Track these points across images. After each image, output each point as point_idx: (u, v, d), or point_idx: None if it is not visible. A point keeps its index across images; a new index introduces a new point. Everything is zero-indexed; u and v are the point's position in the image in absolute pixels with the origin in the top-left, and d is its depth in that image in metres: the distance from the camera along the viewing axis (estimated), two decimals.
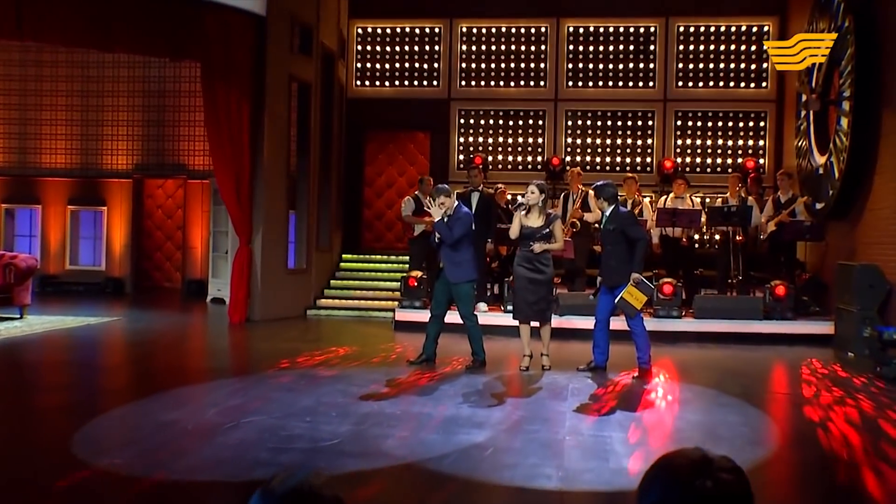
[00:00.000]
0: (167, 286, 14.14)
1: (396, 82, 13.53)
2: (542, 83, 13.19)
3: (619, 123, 13.08)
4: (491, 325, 9.14)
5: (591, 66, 13.12)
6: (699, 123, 12.89)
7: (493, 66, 13.30)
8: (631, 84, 13.03)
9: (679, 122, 12.92)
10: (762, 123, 12.81)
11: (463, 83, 13.36)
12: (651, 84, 13.00)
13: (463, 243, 7.22)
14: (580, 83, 13.13)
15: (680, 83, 12.94)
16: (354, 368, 7.28)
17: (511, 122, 13.26)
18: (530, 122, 13.23)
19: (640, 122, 13.05)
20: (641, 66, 13.04)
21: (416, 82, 13.43)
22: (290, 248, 11.60)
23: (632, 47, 13.00)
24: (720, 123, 12.88)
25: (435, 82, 13.40)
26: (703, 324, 9.44)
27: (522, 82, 13.21)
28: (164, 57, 11.46)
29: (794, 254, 10.57)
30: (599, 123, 13.11)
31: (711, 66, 12.94)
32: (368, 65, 13.65)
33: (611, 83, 13.06)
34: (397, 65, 13.54)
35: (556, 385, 6.70)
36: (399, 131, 13.87)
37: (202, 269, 13.40)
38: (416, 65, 13.44)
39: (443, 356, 7.66)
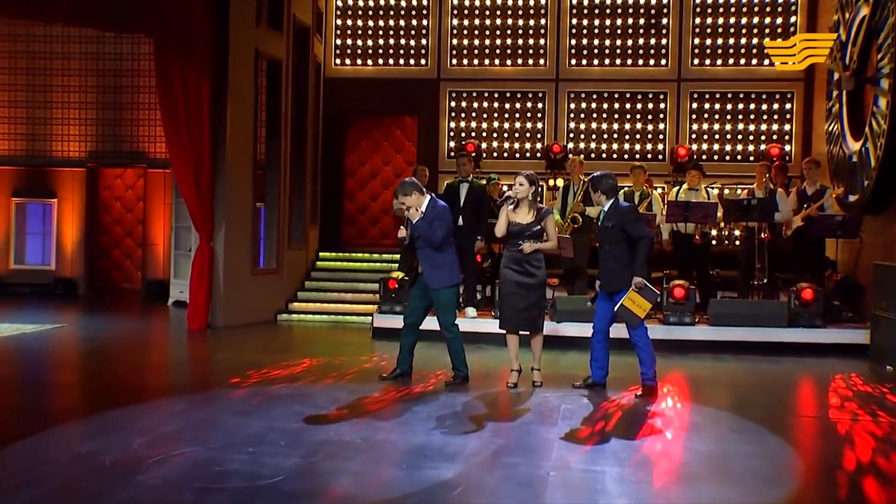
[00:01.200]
0: (127, 287, 13.96)
1: (380, 60, 13.39)
2: (541, 61, 13.05)
3: (628, 106, 12.89)
4: (481, 334, 8.94)
5: (595, 41, 12.97)
6: (717, 106, 12.70)
7: (486, 42, 13.14)
8: (641, 62, 12.86)
9: (695, 105, 12.74)
10: (788, 105, 12.60)
11: (454, 61, 13.22)
12: (663, 62, 12.82)
13: (444, 243, 6.95)
14: (584, 61, 12.97)
15: (696, 61, 12.76)
16: (318, 385, 7.00)
17: (507, 105, 13.12)
18: (528, 104, 13.09)
19: (650, 105, 12.86)
20: (653, 41, 12.83)
21: (401, 60, 13.30)
22: (260, 246, 11.39)
23: (642, 21, 12.82)
24: (741, 106, 12.67)
25: (423, 61, 13.26)
26: (718, 332, 9.22)
27: (520, 60, 13.08)
28: (111, 31, 11.16)
29: (823, 252, 10.31)
30: (605, 106, 12.92)
31: (731, 41, 12.69)
32: (349, 41, 13.44)
33: (618, 61, 12.90)
34: (381, 41, 13.37)
35: (547, 406, 6.39)
36: (384, 115, 13.74)
37: (164, 269, 13.17)
38: (402, 41, 13.31)
39: (422, 370, 7.41)
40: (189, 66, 9.65)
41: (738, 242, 10.85)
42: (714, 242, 11.28)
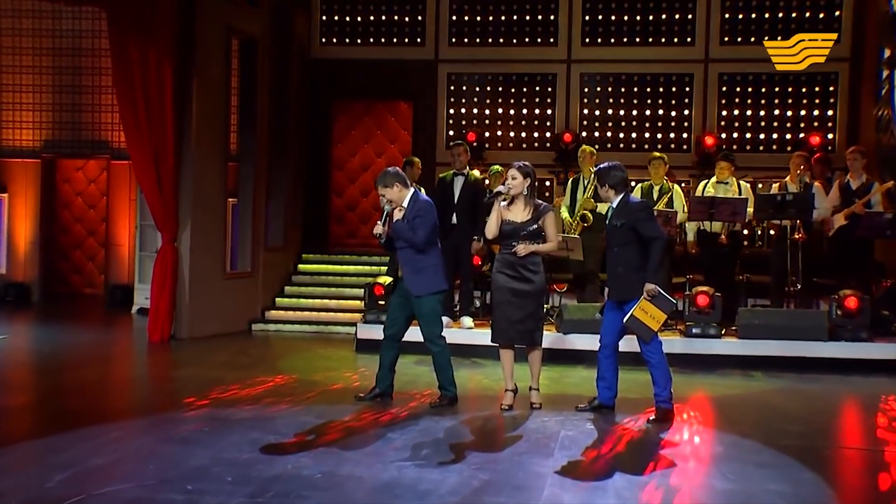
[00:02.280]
0: (89, 293, 13.84)
1: (371, 40, 13.33)
2: (551, 40, 12.92)
3: (649, 90, 12.77)
4: (477, 347, 8.79)
5: (612, 18, 12.85)
6: (749, 90, 12.60)
7: (490, 19, 13.06)
8: (664, 41, 12.74)
9: (724, 89, 12.65)
10: (832, 88, 12.46)
11: (454, 41, 13.12)
12: (689, 40, 12.67)
13: (427, 244, 6.78)
14: (599, 40, 12.84)
15: (726, 38, 12.64)
16: (284, 407, 6.79)
17: (513, 90, 13.01)
18: (537, 89, 12.97)
19: (674, 89, 12.71)
20: (677, 17, 12.72)
21: (395, 40, 13.23)
22: (233, 247, 11.32)
23: None
24: (776, 89, 12.54)
25: (419, 40, 13.17)
26: (748, 346, 9.08)
27: (527, 39, 12.97)
28: (58, 2, 10.89)
29: (871, 255, 10.11)
30: (623, 90, 12.81)
31: (767, 15, 12.52)
32: (336, 17, 13.36)
33: (638, 40, 12.78)
34: (372, 18, 13.30)
35: (544, 432, 6.15)
36: (376, 101, 13.65)
37: (130, 272, 13.02)
38: (397, 18, 13.27)
39: (406, 389, 7.27)
40: (149, 42, 9.46)
41: (769, 244, 10.80)
42: (745, 244, 11.10)
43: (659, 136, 12.64)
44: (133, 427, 6.15)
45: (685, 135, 12.60)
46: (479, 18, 12.96)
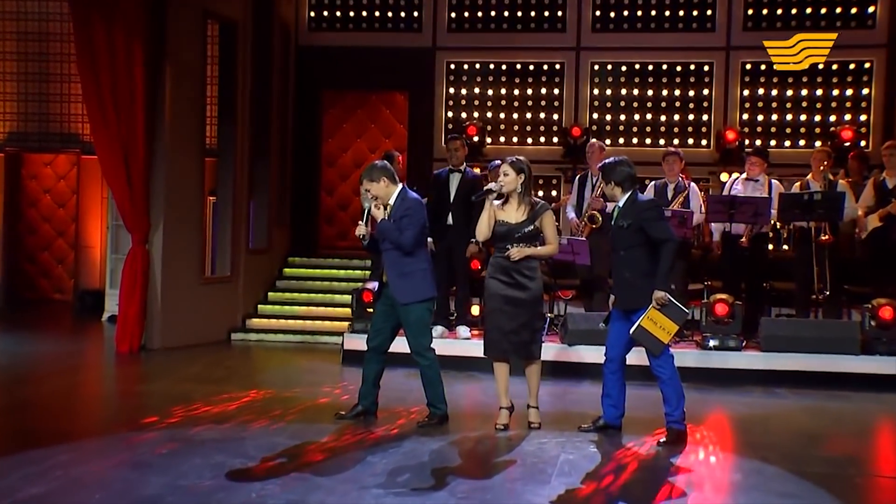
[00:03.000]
0: (58, 298, 13.79)
1: (364, 25, 13.27)
2: (559, 26, 12.86)
3: (664, 80, 12.72)
4: (474, 359, 8.67)
5: (625, 1, 12.80)
6: (775, 80, 12.50)
7: (492, 3, 13.10)
8: (681, 26, 12.65)
9: (747, 79, 12.60)
10: (865, 78, 12.39)
11: (454, 26, 13.07)
12: (709, 26, 12.59)
13: (414, 246, 6.69)
14: (611, 26, 12.78)
15: (749, 24, 12.51)
16: (256, 426, 6.65)
17: (517, 80, 12.98)
18: (543, 79, 12.93)
19: (692, 79, 12.67)
20: (696, 1, 12.61)
21: (391, 25, 13.18)
22: (212, 250, 11.28)
23: None
24: (804, 79, 12.44)
25: (416, 25, 13.13)
26: (772, 359, 9.00)
27: (533, 25, 12.93)
28: None
29: None
30: (637, 81, 12.77)
31: None
32: (326, 1, 13.39)
33: (653, 26, 12.69)
34: (365, 1, 13.35)
35: (542, 455, 6.02)
36: (370, 92, 13.69)
37: (101, 276, 12.93)
38: (392, 2, 13.27)
39: (392, 405, 7.19)
40: (116, 24, 9.36)
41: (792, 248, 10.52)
42: (770, 247, 10.97)
43: (675, 130, 12.60)
44: (84, 449, 5.96)
45: (704, 129, 12.60)
46: (480, 3, 12.93)
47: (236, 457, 5.70)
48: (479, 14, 12.89)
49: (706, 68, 12.54)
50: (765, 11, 12.33)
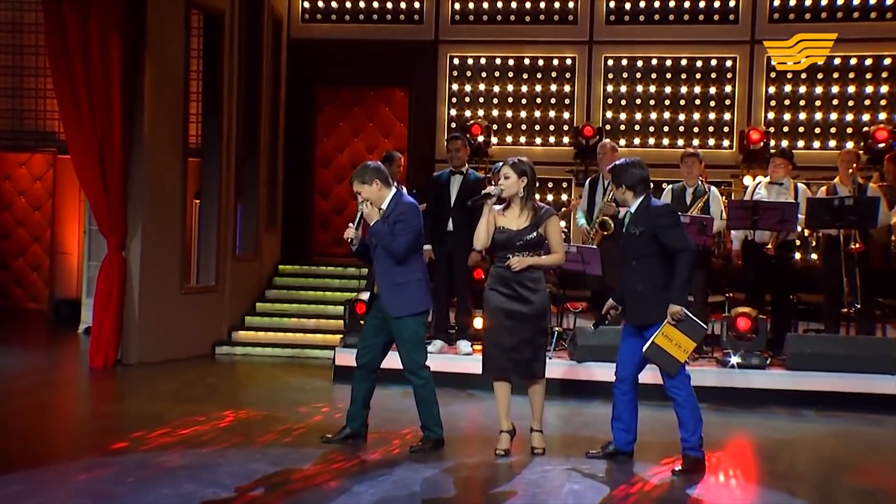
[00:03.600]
0: (33, 308, 13.74)
1: (362, 17, 13.23)
2: (570, 18, 12.84)
3: (683, 76, 12.66)
4: (474, 376, 8.49)
5: None
6: (804, 76, 12.39)
7: None
8: (702, 18, 12.59)
9: (773, 75, 12.50)
10: None
11: (457, 18, 13.06)
12: (732, 17, 12.51)
13: (409, 254, 6.62)
14: (626, 18, 12.73)
15: (776, 15, 12.41)
16: (234, 450, 6.54)
17: (525, 76, 12.96)
18: (553, 75, 12.92)
19: (713, 75, 12.64)
20: None
21: (390, 17, 13.19)
22: (195, 257, 11.28)
23: None
24: (835, 75, 12.34)
25: (417, 17, 13.14)
26: (799, 379, 8.95)
27: (542, 17, 12.90)
28: None
29: None
30: (654, 77, 12.73)
31: None
32: None
33: (671, 18, 12.64)
34: None
35: (544, 485, 5.96)
36: (368, 88, 13.81)
37: (78, 285, 12.83)
38: None
39: (383, 427, 7.12)
40: (91, 12, 9.28)
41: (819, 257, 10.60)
42: (797, 256, 10.94)
43: (695, 129, 12.60)
44: (42, 478, 5.81)
45: (726, 128, 12.56)
46: None
47: (208, 486, 5.61)
48: (485, 5, 12.84)
49: (729, 63, 12.50)
50: (793, 2, 12.24)
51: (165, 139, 10.25)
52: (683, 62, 12.54)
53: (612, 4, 12.61)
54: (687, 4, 12.47)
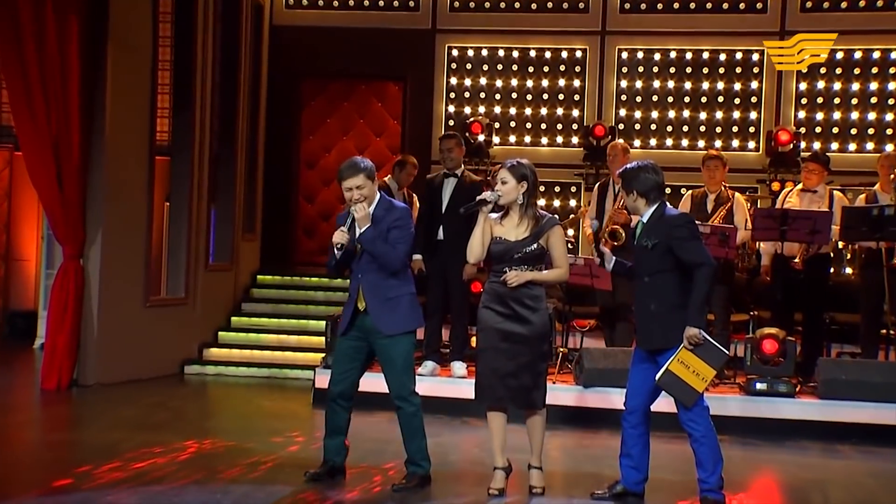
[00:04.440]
0: None
1: (352, 2, 13.41)
2: (580, 6, 12.96)
3: (705, 71, 12.79)
4: (468, 403, 8.03)
5: None
6: (838, 71, 12.54)
7: None
8: (726, 6, 12.70)
9: (805, 71, 12.55)
10: None
11: (456, 4, 13.21)
12: (759, 6, 12.63)
13: (404, 266, 6.56)
14: (642, 6, 12.87)
15: (808, 4, 12.49)
16: (193, 488, 6.35)
17: (531, 69, 13.08)
18: (561, 68, 13.02)
19: (738, 70, 12.71)
20: None
21: (383, 3, 13.37)
22: (164, 266, 11.33)
23: None
24: (874, 70, 12.42)
25: (412, 3, 13.32)
26: (832, 409, 8.82)
27: (550, 5, 13.03)
28: None
29: None
30: (672, 71, 12.83)
31: None
32: None
33: (692, 6, 12.75)
34: None
35: None
36: (358, 81, 13.88)
37: (36, 296, 12.80)
38: None
39: (365, 460, 7.01)
40: None
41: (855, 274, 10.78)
42: (831, 271, 10.73)
43: (718, 129, 12.65)
44: None
45: (751, 129, 12.61)
46: None
47: None
48: None
49: (755, 57, 12.57)
50: None
51: (130, 135, 10.22)
52: (705, 55, 12.64)
53: None
54: None
